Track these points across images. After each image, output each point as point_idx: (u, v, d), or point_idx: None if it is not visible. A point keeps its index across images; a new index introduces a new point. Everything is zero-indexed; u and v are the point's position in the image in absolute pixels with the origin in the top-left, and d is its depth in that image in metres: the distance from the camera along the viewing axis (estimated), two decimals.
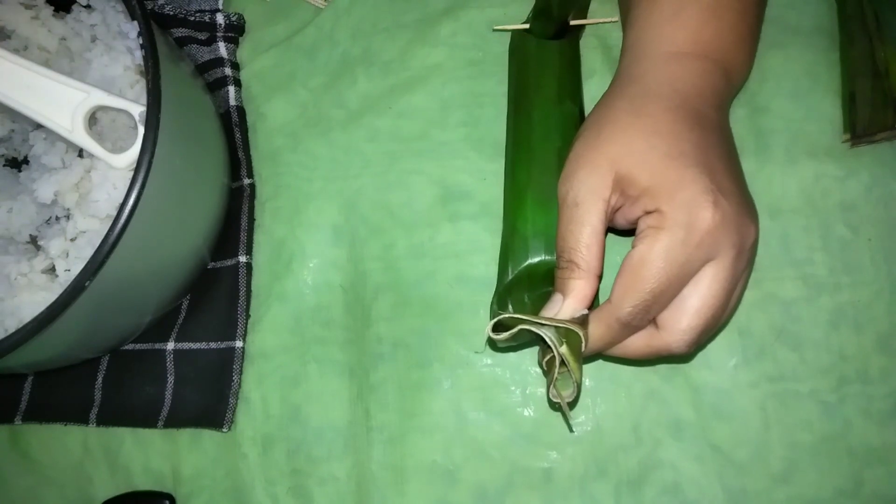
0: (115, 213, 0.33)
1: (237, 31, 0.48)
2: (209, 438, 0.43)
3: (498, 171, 0.41)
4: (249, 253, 0.44)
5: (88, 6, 0.41)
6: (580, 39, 0.43)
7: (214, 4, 0.48)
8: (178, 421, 0.43)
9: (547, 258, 0.36)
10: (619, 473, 0.38)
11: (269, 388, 0.43)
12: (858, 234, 0.38)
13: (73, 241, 0.38)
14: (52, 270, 0.39)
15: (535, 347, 0.40)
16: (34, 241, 0.44)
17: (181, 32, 0.48)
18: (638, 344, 0.33)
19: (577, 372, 0.31)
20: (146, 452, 0.44)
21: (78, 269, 0.32)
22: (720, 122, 0.34)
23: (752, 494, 0.37)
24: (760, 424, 0.37)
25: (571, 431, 0.39)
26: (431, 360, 0.41)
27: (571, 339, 0.31)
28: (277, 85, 0.47)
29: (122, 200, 0.32)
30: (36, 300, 0.38)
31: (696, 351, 0.34)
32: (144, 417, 0.43)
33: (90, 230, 0.38)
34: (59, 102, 0.35)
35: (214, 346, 0.43)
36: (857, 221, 0.38)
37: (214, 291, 0.44)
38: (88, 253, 0.33)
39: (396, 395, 0.41)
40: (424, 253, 0.42)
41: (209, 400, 0.43)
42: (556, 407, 0.39)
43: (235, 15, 0.48)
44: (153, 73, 0.33)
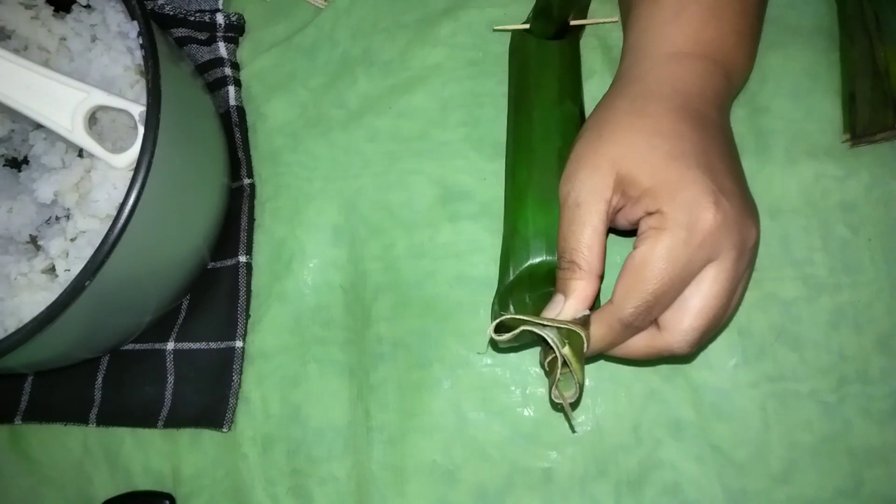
0: (115, 213, 0.32)
1: (237, 31, 0.48)
2: (209, 438, 0.43)
3: (498, 171, 0.41)
4: (249, 253, 0.44)
5: (88, 6, 0.41)
6: (580, 39, 0.43)
7: (214, 4, 0.48)
8: (178, 421, 0.43)
9: (548, 259, 0.36)
10: (619, 473, 0.38)
11: (269, 388, 0.43)
12: (858, 234, 0.38)
13: (73, 241, 0.38)
14: (52, 270, 0.39)
15: (535, 348, 0.40)
16: (34, 240, 0.43)
17: (181, 32, 0.47)
18: (639, 344, 0.33)
19: (579, 373, 0.31)
20: (146, 452, 0.44)
21: (78, 269, 0.32)
22: (721, 122, 0.34)
23: (752, 494, 0.37)
24: (760, 424, 0.37)
25: (574, 432, 0.39)
26: (431, 360, 0.41)
27: (573, 339, 0.31)
28: (277, 85, 0.47)
29: (122, 200, 0.32)
30: (36, 300, 0.38)
31: (697, 351, 0.34)
32: (144, 417, 0.43)
33: (90, 230, 0.37)
34: (59, 102, 0.35)
35: (214, 346, 0.43)
36: (857, 221, 0.38)
37: (214, 291, 0.44)
38: (88, 253, 0.33)
39: (396, 395, 0.41)
40: (424, 253, 0.42)
41: (209, 400, 0.43)
42: (558, 407, 0.39)
43: (235, 15, 0.48)
44: (153, 73, 0.33)
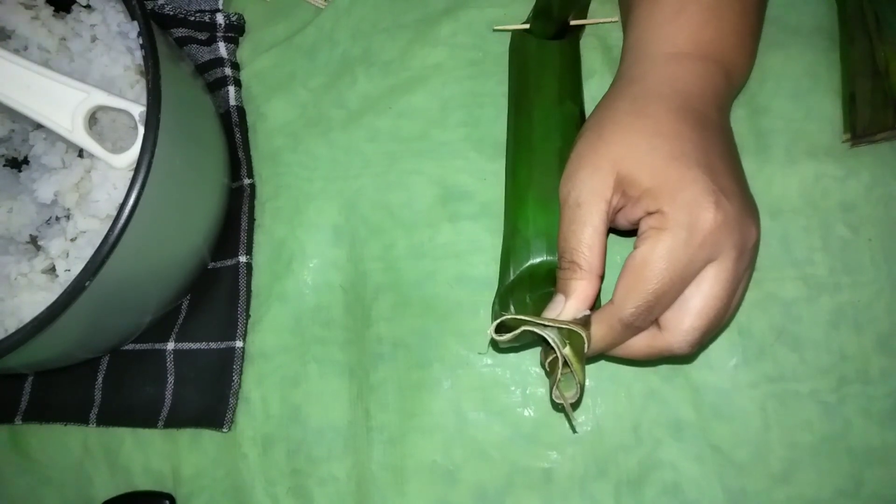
0: (115, 213, 0.32)
1: (237, 31, 0.48)
2: (209, 438, 0.43)
3: (498, 171, 0.41)
4: (249, 253, 0.44)
5: (88, 6, 0.41)
6: (580, 39, 0.43)
7: (214, 4, 0.48)
8: (178, 421, 0.43)
9: (548, 259, 0.36)
10: (619, 473, 0.38)
11: (269, 388, 0.43)
12: (858, 234, 0.38)
13: (73, 241, 0.38)
14: (52, 270, 0.39)
15: (536, 348, 0.40)
16: (34, 241, 0.43)
17: (181, 32, 0.47)
18: (640, 345, 0.33)
19: (580, 373, 0.31)
20: (146, 452, 0.44)
21: (78, 269, 0.32)
22: (721, 122, 0.34)
23: (752, 494, 0.37)
24: (760, 424, 0.37)
25: (575, 432, 0.39)
26: (431, 360, 0.41)
27: (574, 340, 0.31)
28: (277, 85, 0.47)
29: (122, 200, 0.32)
30: (36, 300, 0.38)
31: (698, 351, 0.34)
32: (144, 417, 0.43)
33: (90, 230, 0.37)
34: (59, 102, 0.35)
35: (214, 346, 0.43)
36: (857, 221, 0.38)
37: (214, 291, 0.44)
38: (88, 253, 0.33)
39: (396, 395, 0.41)
40: (424, 253, 0.42)
41: (209, 400, 0.43)
42: (558, 408, 0.39)
43: (235, 15, 0.48)
44: (153, 73, 0.33)
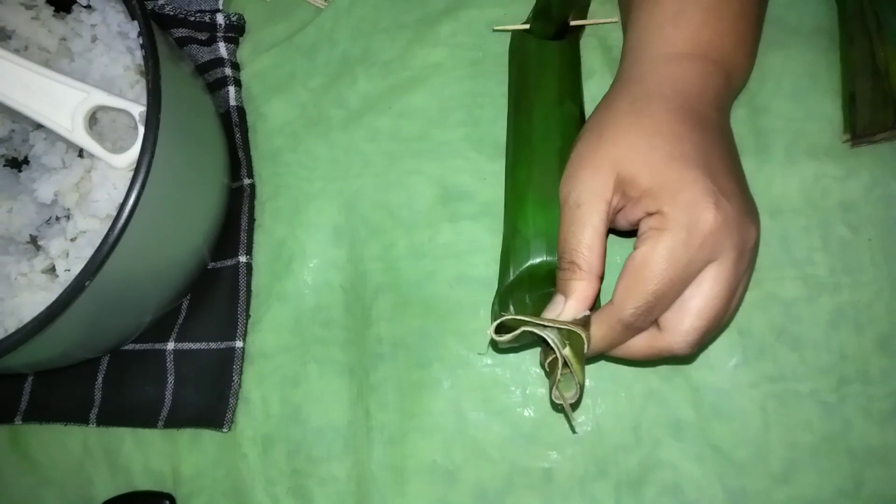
0: (115, 212, 0.32)
1: (237, 31, 0.48)
2: (209, 438, 0.43)
3: (498, 171, 0.41)
4: (249, 253, 0.44)
5: (89, 6, 0.41)
6: (580, 40, 0.43)
7: (214, 4, 0.48)
8: (178, 421, 0.43)
9: (548, 259, 0.36)
10: (619, 473, 0.38)
11: (269, 388, 0.43)
12: (858, 234, 0.38)
13: (73, 241, 0.38)
14: (52, 270, 0.39)
15: (535, 348, 0.40)
16: (34, 241, 0.43)
17: (181, 32, 0.47)
18: (640, 345, 0.33)
19: (579, 374, 0.31)
20: (146, 452, 0.44)
21: (78, 269, 0.32)
22: (721, 123, 0.34)
23: (752, 494, 0.37)
24: (760, 424, 0.37)
25: (574, 432, 0.39)
26: (431, 360, 0.41)
27: (574, 340, 0.31)
28: (277, 85, 0.47)
29: (122, 200, 0.32)
30: (36, 300, 0.38)
31: (698, 352, 0.34)
32: (144, 417, 0.43)
33: (90, 230, 0.37)
34: (59, 102, 0.35)
35: (214, 346, 0.43)
36: (857, 221, 0.38)
37: (214, 291, 0.44)
38: (88, 253, 0.33)
39: (396, 395, 0.41)
40: (424, 253, 0.42)
41: (209, 400, 0.43)
42: (558, 408, 0.39)
43: (235, 15, 0.48)
44: (153, 73, 0.33)
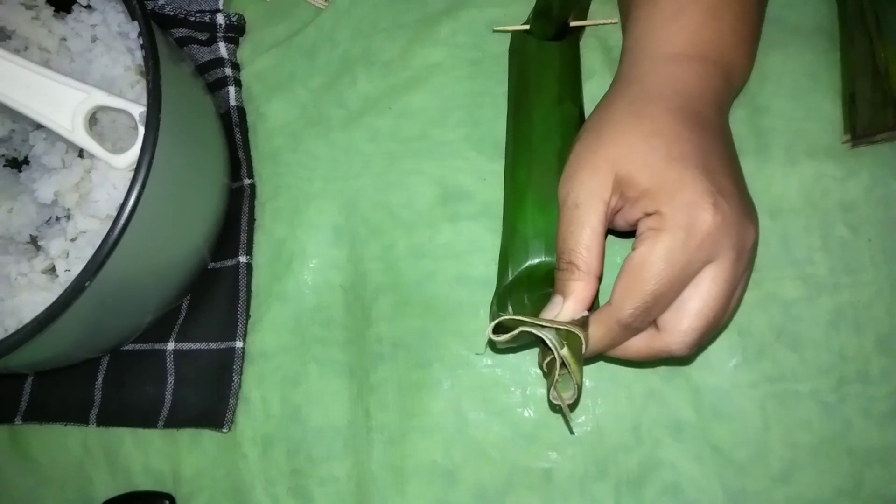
0: (115, 213, 0.33)
1: (237, 31, 0.48)
2: (209, 438, 0.43)
3: (498, 171, 0.41)
4: (249, 253, 0.44)
5: (89, 6, 0.41)
6: (580, 40, 0.43)
7: (215, 4, 0.48)
8: (178, 421, 0.43)
9: (547, 259, 0.36)
10: (619, 474, 0.38)
11: (269, 388, 0.43)
12: (858, 234, 0.38)
13: (73, 241, 0.38)
14: (52, 270, 0.39)
15: (535, 348, 0.40)
16: (34, 241, 0.44)
17: (181, 33, 0.48)
18: (639, 346, 0.33)
19: (577, 374, 0.31)
20: (146, 452, 0.44)
21: (78, 269, 0.32)
22: (720, 123, 0.34)
23: (752, 494, 0.37)
24: (760, 424, 0.37)
25: (572, 433, 0.39)
26: (431, 360, 0.41)
27: (572, 341, 0.31)
28: (277, 85, 0.47)
29: (122, 200, 0.32)
30: (36, 300, 0.38)
31: (697, 352, 0.34)
32: (144, 417, 0.43)
33: (90, 230, 0.37)
34: (59, 103, 0.35)
35: (214, 346, 0.43)
36: (857, 221, 0.38)
37: (214, 291, 0.44)
38: (89, 253, 0.33)
39: (396, 395, 0.41)
40: (424, 253, 0.42)
41: (209, 400, 0.43)
42: (556, 409, 0.39)
43: (236, 15, 0.48)
44: (153, 73, 0.33)
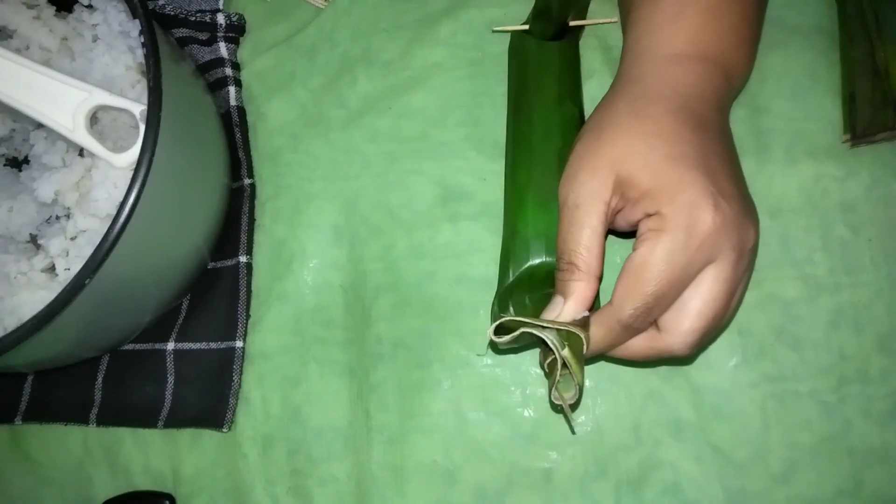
0: (115, 212, 0.33)
1: (238, 31, 0.48)
2: (209, 438, 0.43)
3: (498, 171, 0.41)
4: (250, 253, 0.44)
5: (90, 6, 0.41)
6: (580, 40, 0.43)
7: (215, 4, 0.48)
8: (178, 421, 0.43)
9: (548, 260, 0.36)
10: (619, 473, 0.38)
11: (269, 388, 0.43)
12: (858, 234, 0.38)
13: (73, 240, 0.38)
14: (51, 269, 0.39)
15: (535, 348, 0.40)
16: (34, 239, 0.44)
17: (182, 32, 0.48)
18: (639, 346, 0.33)
19: (578, 374, 0.31)
20: (146, 452, 0.44)
21: (77, 268, 0.32)
22: (721, 124, 0.34)
23: (752, 494, 0.37)
24: (760, 424, 0.37)
25: (573, 433, 0.39)
26: (431, 360, 0.41)
27: (573, 341, 0.31)
28: (277, 85, 0.47)
29: (122, 200, 0.32)
30: (35, 299, 0.38)
31: (697, 352, 0.34)
32: (144, 417, 0.43)
33: (90, 229, 0.37)
34: (60, 102, 0.35)
35: (214, 346, 0.43)
36: (857, 221, 0.38)
37: (215, 291, 0.44)
38: (88, 252, 0.33)
39: (396, 395, 0.41)
40: (424, 253, 0.42)
41: (209, 400, 0.43)
42: (557, 409, 0.39)
43: (236, 15, 0.48)
44: (154, 72, 0.33)
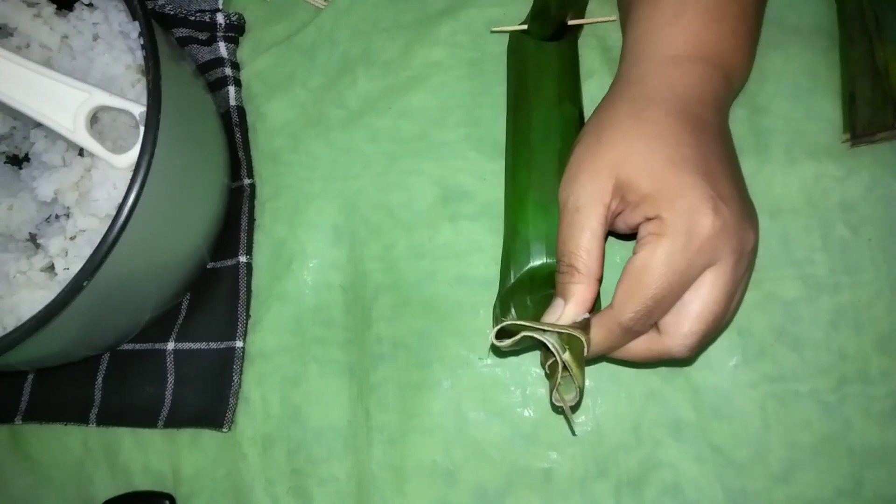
0: (114, 212, 0.33)
1: (237, 30, 0.48)
2: (209, 438, 0.43)
3: (498, 171, 0.41)
4: (249, 253, 0.44)
5: (90, 5, 0.41)
6: (578, 39, 0.43)
7: (215, 4, 0.48)
8: (178, 421, 0.43)
9: (548, 261, 0.36)
10: (619, 474, 0.38)
11: (269, 388, 0.43)
12: (858, 234, 0.38)
13: (72, 239, 0.38)
14: (51, 269, 0.39)
15: (535, 350, 0.40)
16: (34, 239, 0.43)
17: (182, 32, 0.48)
18: (639, 348, 0.33)
19: (579, 377, 0.31)
20: (146, 452, 0.44)
21: (77, 267, 0.32)
22: (720, 126, 0.34)
23: (752, 494, 0.37)
24: (760, 424, 0.37)
25: (574, 435, 0.39)
26: (431, 360, 0.41)
27: (574, 344, 0.31)
28: (277, 85, 0.47)
29: (121, 200, 0.32)
30: (35, 298, 0.38)
31: (696, 354, 0.34)
32: (144, 417, 0.43)
33: (90, 229, 0.37)
34: (61, 103, 0.35)
35: (215, 346, 0.43)
36: (857, 221, 0.38)
37: (215, 291, 0.44)
38: (88, 252, 0.33)
39: (396, 395, 0.41)
40: (424, 253, 0.42)
41: (209, 400, 0.43)
42: (558, 410, 0.39)
43: (236, 15, 0.48)
44: (154, 73, 0.33)
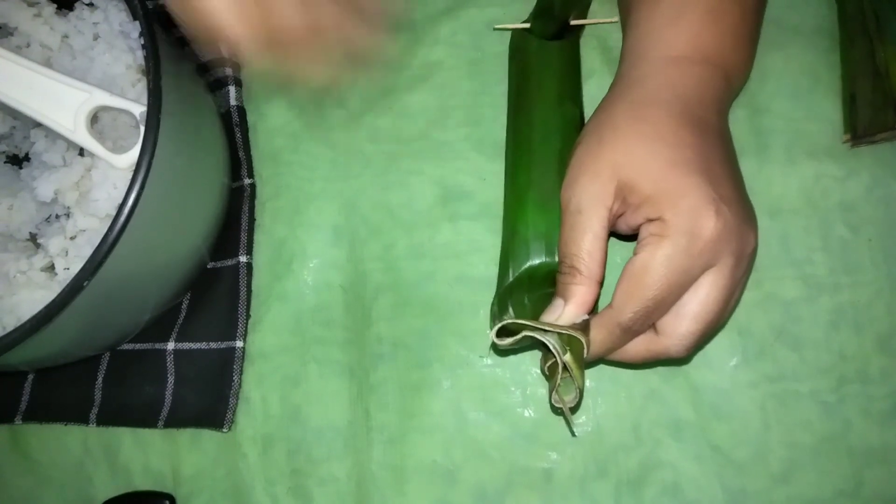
0: (114, 212, 0.32)
1: None
2: (209, 438, 0.43)
3: (498, 171, 0.41)
4: (250, 253, 0.44)
5: (91, 4, 0.41)
6: (580, 39, 0.43)
7: None
8: (178, 421, 0.43)
9: (547, 260, 0.36)
10: (619, 473, 0.38)
11: (269, 388, 0.43)
12: (858, 234, 0.38)
13: (72, 239, 0.38)
14: (51, 269, 0.39)
15: (535, 349, 0.39)
16: (34, 238, 0.43)
17: (182, 32, 0.47)
18: (638, 348, 0.33)
19: (579, 378, 0.31)
20: (146, 452, 0.44)
21: (77, 267, 0.31)
22: (721, 127, 0.34)
23: (752, 494, 0.37)
24: (760, 424, 0.37)
25: (574, 435, 0.39)
26: (431, 360, 0.41)
27: (574, 345, 0.32)
28: (278, 84, 0.47)
29: (122, 200, 0.32)
30: (34, 298, 0.38)
31: (693, 353, 0.35)
32: (144, 417, 0.43)
33: (90, 229, 0.37)
34: (61, 103, 0.35)
35: (215, 346, 0.43)
36: (857, 221, 0.38)
37: (215, 291, 0.44)
38: (88, 252, 0.33)
39: (396, 395, 0.41)
40: (424, 253, 0.42)
41: (209, 400, 0.43)
42: (558, 411, 0.38)
43: None
44: (154, 73, 0.33)
